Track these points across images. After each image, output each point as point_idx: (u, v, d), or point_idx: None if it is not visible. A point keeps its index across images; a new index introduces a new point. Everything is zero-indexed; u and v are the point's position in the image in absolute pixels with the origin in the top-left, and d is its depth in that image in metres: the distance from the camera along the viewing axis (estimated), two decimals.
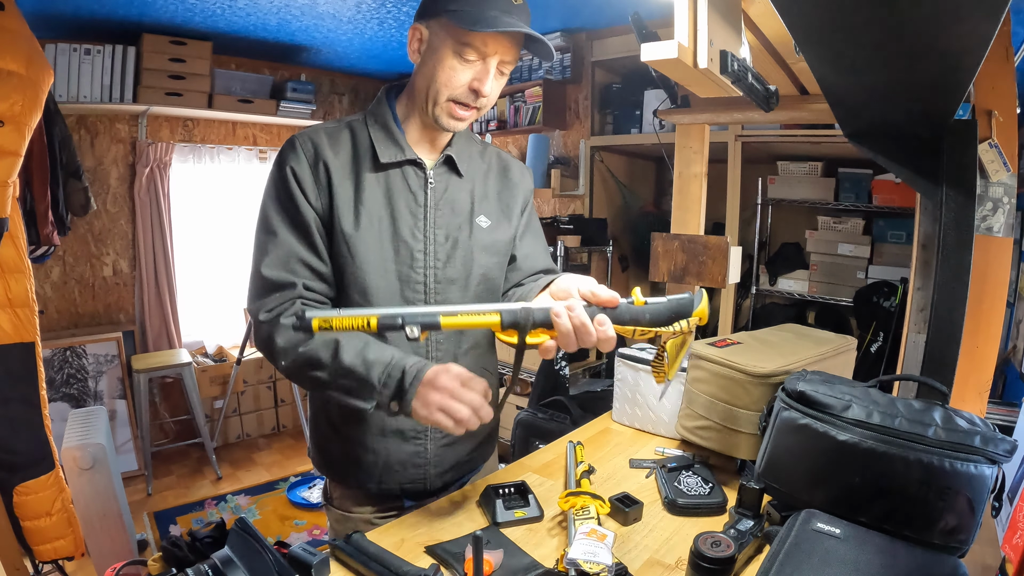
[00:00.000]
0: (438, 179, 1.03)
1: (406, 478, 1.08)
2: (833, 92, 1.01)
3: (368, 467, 1.07)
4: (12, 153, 1.60)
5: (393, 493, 1.10)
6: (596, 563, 0.75)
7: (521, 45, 0.97)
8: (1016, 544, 1.02)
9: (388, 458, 1.07)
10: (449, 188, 1.04)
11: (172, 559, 0.83)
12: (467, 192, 1.06)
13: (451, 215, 1.04)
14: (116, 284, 3.37)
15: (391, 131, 1.00)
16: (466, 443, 1.12)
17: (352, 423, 1.05)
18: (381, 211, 0.99)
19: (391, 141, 1.00)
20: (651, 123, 2.91)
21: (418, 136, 1.03)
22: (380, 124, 1.01)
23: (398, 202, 1.00)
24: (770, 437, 0.93)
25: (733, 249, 1.60)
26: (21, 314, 1.73)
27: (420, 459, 1.08)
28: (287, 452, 3.61)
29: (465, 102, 0.96)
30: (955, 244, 1.17)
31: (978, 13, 0.57)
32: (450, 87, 0.94)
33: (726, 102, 1.51)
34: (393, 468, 1.07)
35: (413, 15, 1.00)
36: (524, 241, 1.16)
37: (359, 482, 1.09)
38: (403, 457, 1.07)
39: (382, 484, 1.08)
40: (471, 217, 1.06)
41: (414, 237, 1.00)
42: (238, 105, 3.25)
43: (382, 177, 0.99)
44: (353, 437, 1.06)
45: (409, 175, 1.01)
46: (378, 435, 1.05)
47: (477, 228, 1.06)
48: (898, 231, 2.60)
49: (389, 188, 1.00)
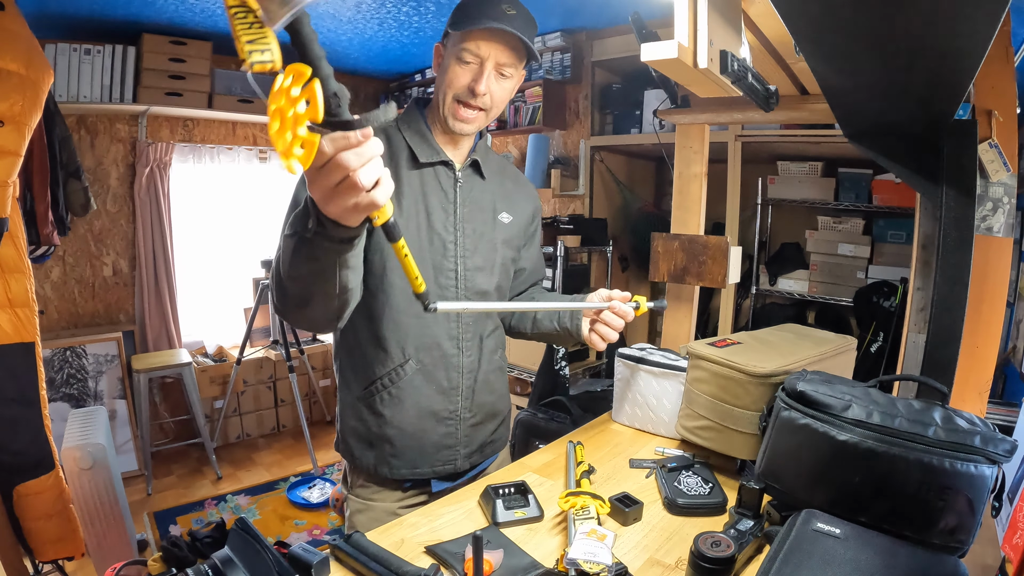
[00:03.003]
0: (465, 179, 1.15)
1: (438, 460, 1.17)
2: (833, 92, 1.01)
3: (403, 452, 1.14)
4: (12, 153, 1.60)
5: (424, 478, 1.17)
6: (596, 563, 0.75)
7: (518, 50, 1.05)
8: (1016, 544, 1.02)
9: (423, 441, 1.15)
10: (474, 188, 1.16)
11: (172, 559, 0.83)
12: (490, 192, 1.19)
13: (477, 211, 1.16)
14: (116, 284, 3.37)
15: (424, 135, 1.12)
16: (490, 424, 1.24)
17: (394, 405, 1.13)
18: (418, 206, 1.09)
19: (426, 144, 1.11)
20: (651, 123, 2.91)
21: (444, 141, 1.14)
22: (414, 129, 1.12)
23: (431, 199, 1.10)
24: (770, 437, 0.93)
25: (733, 249, 1.60)
26: (21, 314, 1.73)
27: (451, 439, 1.17)
28: (287, 452, 3.61)
29: (466, 101, 1.05)
30: (955, 244, 1.17)
31: (978, 13, 0.57)
32: (453, 88, 1.05)
33: (726, 102, 1.51)
34: (427, 451, 1.16)
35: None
36: (530, 252, 1.31)
37: (392, 469, 1.15)
38: (436, 439, 1.16)
39: (416, 469, 1.16)
40: (494, 214, 1.19)
41: (446, 230, 1.11)
42: (238, 105, 3.25)
43: (416, 175, 1.10)
44: (394, 421, 1.13)
45: (441, 175, 1.12)
46: (416, 418, 1.13)
47: (499, 223, 1.20)
48: (898, 231, 2.60)
49: (424, 185, 1.10)
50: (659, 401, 1.31)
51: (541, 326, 1.26)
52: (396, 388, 1.12)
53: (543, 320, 1.25)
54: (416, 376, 1.12)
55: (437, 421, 1.15)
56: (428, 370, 1.13)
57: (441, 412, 1.15)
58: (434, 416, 1.14)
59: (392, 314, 1.09)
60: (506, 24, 0.99)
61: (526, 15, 1.05)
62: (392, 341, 1.10)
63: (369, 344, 1.12)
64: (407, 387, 1.12)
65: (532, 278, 1.33)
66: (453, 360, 1.14)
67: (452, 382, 1.15)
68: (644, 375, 1.33)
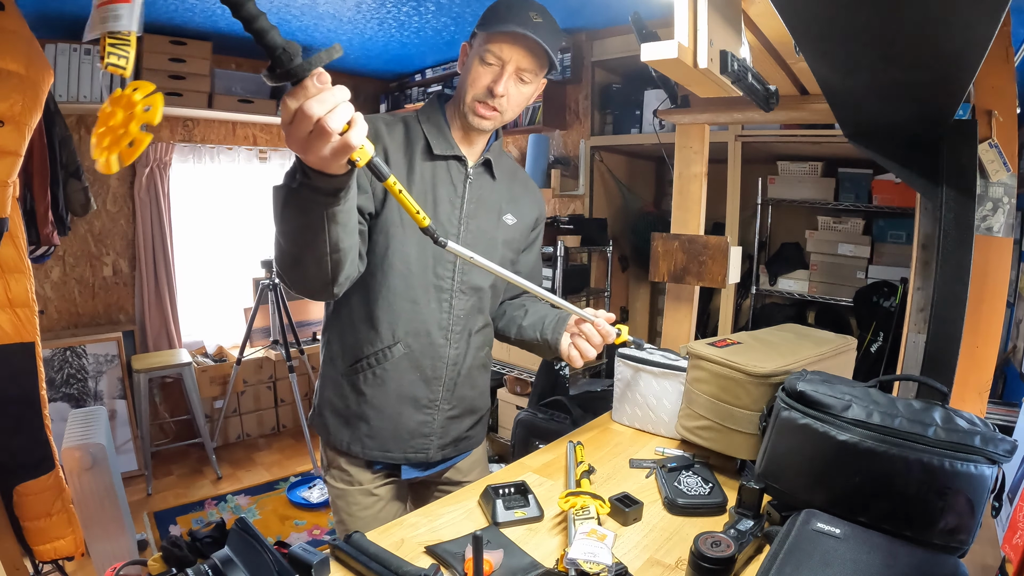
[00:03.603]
0: (476, 177, 1.17)
1: (411, 447, 1.19)
2: (833, 92, 1.01)
3: (378, 433, 1.17)
4: (12, 153, 1.59)
5: (395, 463, 1.20)
6: (596, 563, 0.75)
7: (540, 57, 1.07)
8: (1016, 544, 1.02)
9: (399, 425, 1.17)
10: (484, 187, 1.18)
11: (172, 559, 0.83)
12: (498, 193, 1.21)
13: (483, 209, 1.18)
14: (116, 284, 3.37)
15: (442, 129, 1.14)
16: (467, 418, 1.26)
17: (376, 386, 1.15)
18: (426, 196, 1.11)
19: (442, 138, 1.14)
20: (651, 123, 2.91)
21: (460, 137, 1.16)
22: (432, 123, 1.15)
23: (440, 191, 1.13)
24: (770, 437, 0.93)
25: (733, 249, 1.60)
26: (21, 314, 1.72)
27: (427, 428, 1.19)
28: (287, 452, 3.61)
29: (485, 100, 1.08)
30: (955, 244, 1.17)
31: (978, 13, 0.57)
32: (474, 87, 1.08)
33: (726, 102, 1.51)
34: (401, 436, 1.18)
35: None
36: (528, 257, 1.32)
37: (364, 448, 1.18)
38: (412, 426, 1.18)
39: (388, 452, 1.18)
40: (499, 214, 1.21)
41: (450, 222, 1.14)
42: (238, 105, 3.25)
43: (429, 167, 1.13)
44: (374, 401, 1.15)
45: (453, 169, 1.14)
46: (396, 401, 1.16)
47: (503, 224, 1.22)
48: (898, 231, 2.60)
49: (435, 177, 1.13)
50: (659, 401, 1.31)
51: (524, 334, 1.27)
52: (381, 369, 1.14)
53: (527, 329, 1.26)
54: (402, 360, 1.14)
55: (416, 408, 1.17)
56: (414, 356, 1.15)
57: (421, 399, 1.17)
58: (414, 402, 1.17)
59: (388, 295, 1.11)
60: (531, 31, 1.01)
61: (553, 26, 1.07)
62: (384, 322, 1.12)
63: (361, 322, 1.14)
64: (392, 369, 1.14)
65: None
66: (440, 350, 1.16)
67: (436, 371, 1.17)
68: (644, 375, 1.33)
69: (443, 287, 1.14)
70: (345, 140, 0.65)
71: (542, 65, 1.09)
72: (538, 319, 1.25)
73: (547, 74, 1.13)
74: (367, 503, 1.22)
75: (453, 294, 1.15)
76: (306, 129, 0.63)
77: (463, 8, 2.64)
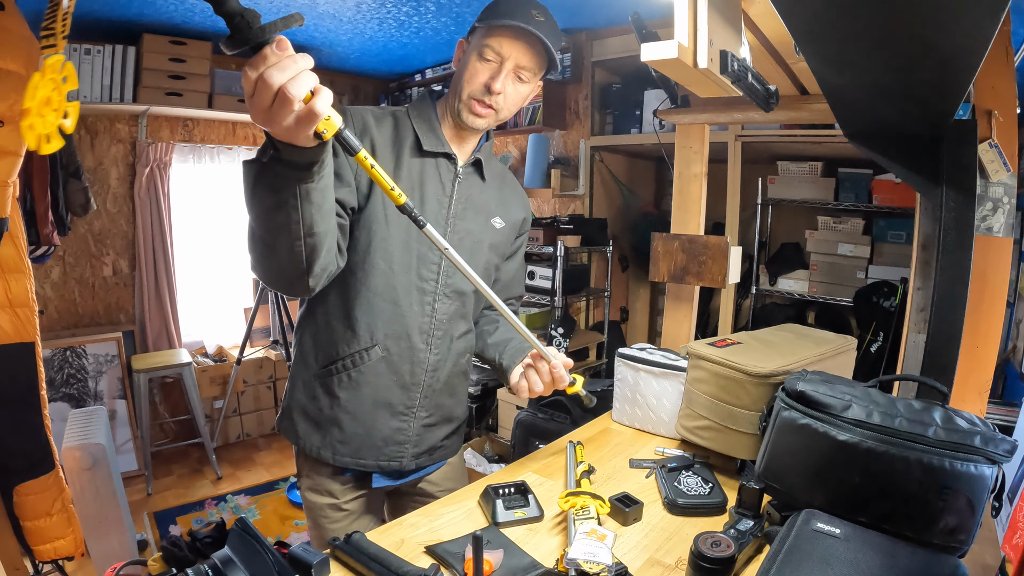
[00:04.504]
0: (466, 177, 1.13)
1: (384, 455, 1.14)
2: (833, 92, 1.01)
3: (351, 439, 1.12)
4: (12, 153, 1.59)
5: (367, 470, 1.15)
6: (596, 563, 0.75)
7: (540, 56, 1.05)
8: (1016, 544, 1.02)
9: (372, 431, 1.13)
10: (473, 187, 1.15)
11: (172, 559, 0.83)
12: (487, 195, 1.18)
13: (471, 210, 1.14)
14: (116, 284, 3.37)
15: (432, 125, 1.11)
16: (443, 427, 1.22)
17: (351, 389, 1.10)
18: (413, 192, 1.08)
19: (433, 134, 1.10)
20: (651, 123, 2.91)
21: (451, 135, 1.13)
22: (423, 118, 1.11)
23: (428, 188, 1.09)
24: (770, 437, 0.93)
25: (733, 249, 1.60)
26: (21, 314, 1.72)
27: (402, 436, 1.15)
28: (287, 452, 3.60)
29: (481, 98, 1.05)
30: (955, 244, 1.17)
31: (978, 13, 0.57)
32: (471, 84, 1.05)
33: (726, 102, 1.51)
34: (375, 443, 1.13)
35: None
36: (510, 265, 1.28)
37: (335, 455, 1.13)
38: (386, 432, 1.13)
39: (360, 460, 1.14)
40: (488, 216, 1.18)
41: (436, 222, 1.09)
42: (238, 105, 3.25)
43: (418, 163, 1.09)
44: (347, 405, 1.11)
45: (442, 167, 1.11)
46: (370, 406, 1.11)
47: (491, 227, 1.18)
48: (898, 231, 2.60)
49: (423, 174, 1.09)
50: (659, 401, 1.31)
51: (486, 352, 1.23)
52: (357, 372, 1.09)
53: (491, 347, 1.22)
54: (380, 363, 1.10)
55: (391, 414, 1.13)
56: (393, 360, 1.10)
57: (397, 406, 1.13)
58: (389, 408, 1.12)
59: (368, 295, 1.07)
60: (533, 28, 1.00)
61: (554, 26, 1.05)
62: (362, 323, 1.08)
63: (338, 321, 1.09)
64: (368, 373, 1.10)
65: (504, 292, 1.27)
66: (420, 354, 1.12)
67: (415, 377, 1.12)
68: (644, 375, 1.33)
69: (426, 289, 1.10)
70: (310, 108, 0.63)
71: (541, 65, 1.07)
72: (503, 340, 1.20)
73: (546, 74, 1.11)
74: (336, 517, 1.18)
75: (436, 297, 1.11)
76: (268, 98, 0.61)
77: (463, 8, 2.64)
